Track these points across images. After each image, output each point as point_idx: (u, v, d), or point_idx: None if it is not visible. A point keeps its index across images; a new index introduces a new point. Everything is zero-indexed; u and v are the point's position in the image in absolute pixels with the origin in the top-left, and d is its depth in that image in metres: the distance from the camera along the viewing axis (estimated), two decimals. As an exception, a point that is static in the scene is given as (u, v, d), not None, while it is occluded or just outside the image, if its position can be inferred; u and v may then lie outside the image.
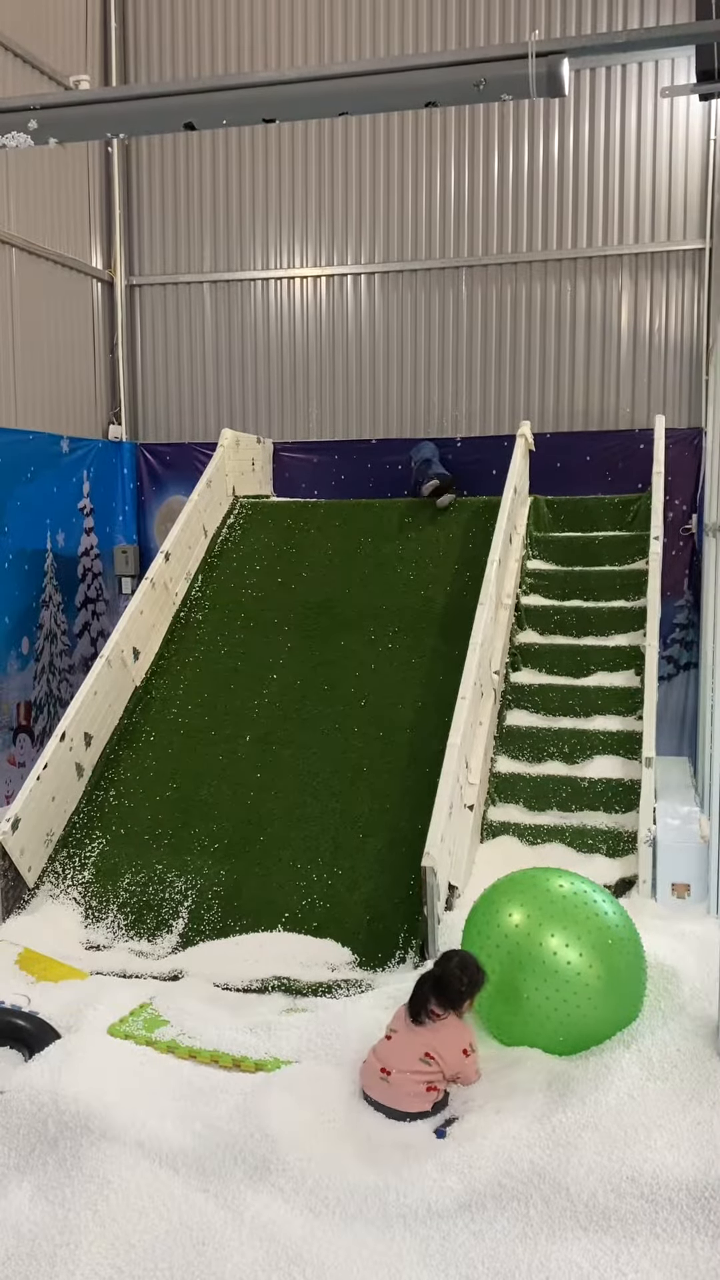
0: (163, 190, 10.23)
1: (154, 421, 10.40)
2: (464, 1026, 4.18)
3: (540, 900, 4.47)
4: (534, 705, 7.12)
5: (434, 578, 7.89)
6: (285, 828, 6.27)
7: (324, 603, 7.82)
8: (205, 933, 5.75)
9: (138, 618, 7.34)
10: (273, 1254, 3.19)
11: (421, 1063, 4.01)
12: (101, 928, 5.88)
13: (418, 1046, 4.03)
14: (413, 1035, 4.07)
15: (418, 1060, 4.02)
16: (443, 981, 4.14)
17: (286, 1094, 4.01)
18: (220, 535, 8.53)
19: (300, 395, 10.05)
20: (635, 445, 9.12)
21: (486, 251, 9.57)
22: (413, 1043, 4.05)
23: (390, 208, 9.73)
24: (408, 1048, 4.05)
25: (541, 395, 9.53)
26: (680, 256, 9.24)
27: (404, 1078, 3.98)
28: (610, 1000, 4.33)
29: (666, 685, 9.06)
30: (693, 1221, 3.35)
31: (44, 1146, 3.73)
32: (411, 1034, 4.08)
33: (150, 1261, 3.15)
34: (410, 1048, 4.04)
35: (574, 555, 8.05)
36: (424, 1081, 4.00)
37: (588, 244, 9.38)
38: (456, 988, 4.14)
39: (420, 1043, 4.04)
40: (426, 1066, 4.01)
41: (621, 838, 6.16)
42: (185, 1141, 3.76)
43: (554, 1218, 3.40)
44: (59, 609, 9.41)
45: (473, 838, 6.21)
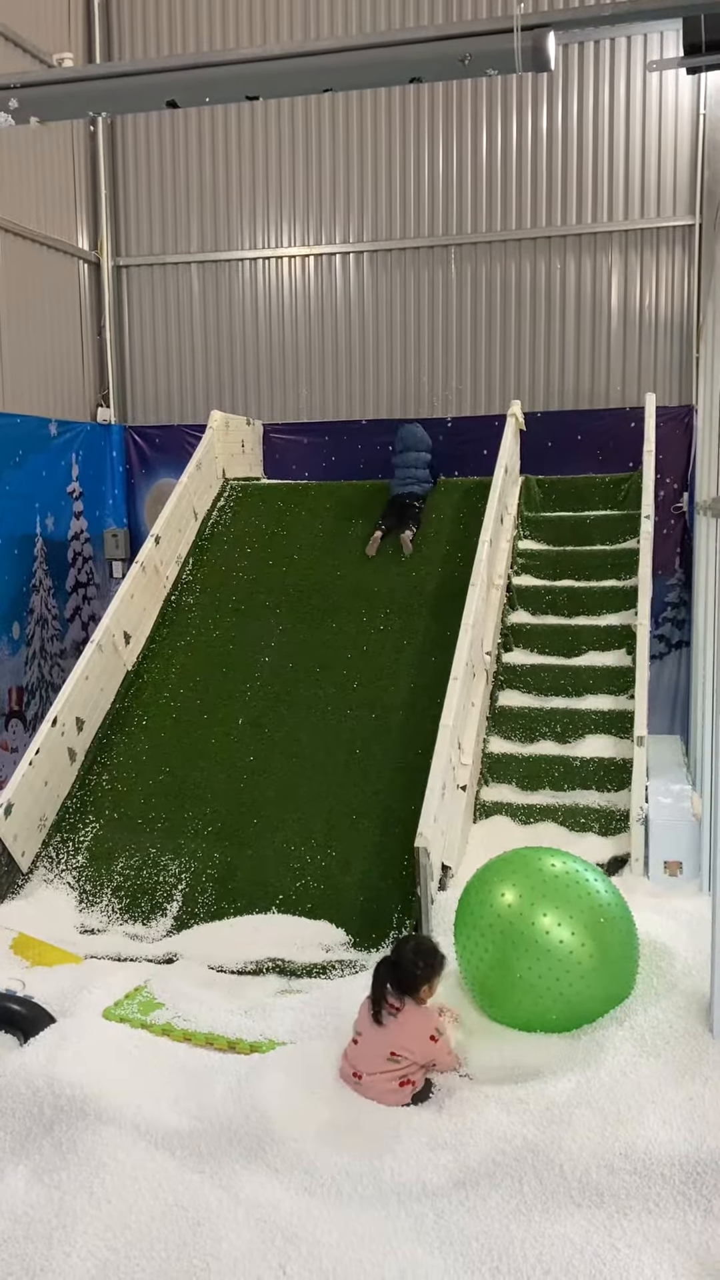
0: (149, 170, 10.14)
1: (142, 404, 10.34)
2: (426, 1013, 4.10)
3: (532, 879, 4.48)
4: (526, 685, 7.12)
5: (425, 559, 7.87)
6: (278, 810, 6.28)
7: (315, 585, 7.80)
8: (199, 915, 5.77)
9: (128, 602, 7.32)
10: (268, 1233, 3.21)
11: (389, 1062, 3.95)
12: (96, 912, 5.89)
13: (383, 1046, 3.97)
14: (376, 1035, 4.00)
15: (385, 1060, 3.96)
16: (399, 967, 4.09)
17: (281, 1075, 4.03)
18: (210, 518, 8.50)
19: (290, 376, 10.00)
20: (626, 423, 9.09)
21: (475, 229, 9.51)
22: (377, 1043, 3.98)
23: (378, 186, 9.66)
24: (373, 1049, 3.98)
25: (532, 374, 9.49)
26: (670, 233, 9.19)
27: (375, 1079, 3.94)
28: (603, 978, 4.35)
29: (658, 664, 9.07)
30: (685, 1196, 3.38)
31: (40, 1130, 3.75)
32: (375, 1034, 4.00)
33: (146, 1242, 3.17)
34: (376, 1049, 3.97)
35: (565, 535, 8.04)
36: (396, 1078, 3.94)
37: (577, 221, 9.32)
38: (412, 972, 4.07)
39: (384, 1042, 3.97)
40: (395, 1065, 3.95)
41: (614, 816, 6.18)
42: (180, 1123, 3.78)
43: (547, 1194, 3.43)
44: (49, 593, 9.38)
45: (465, 818, 6.23)
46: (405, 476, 8.32)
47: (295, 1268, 3.06)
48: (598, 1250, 3.15)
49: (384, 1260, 3.10)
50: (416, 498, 8.20)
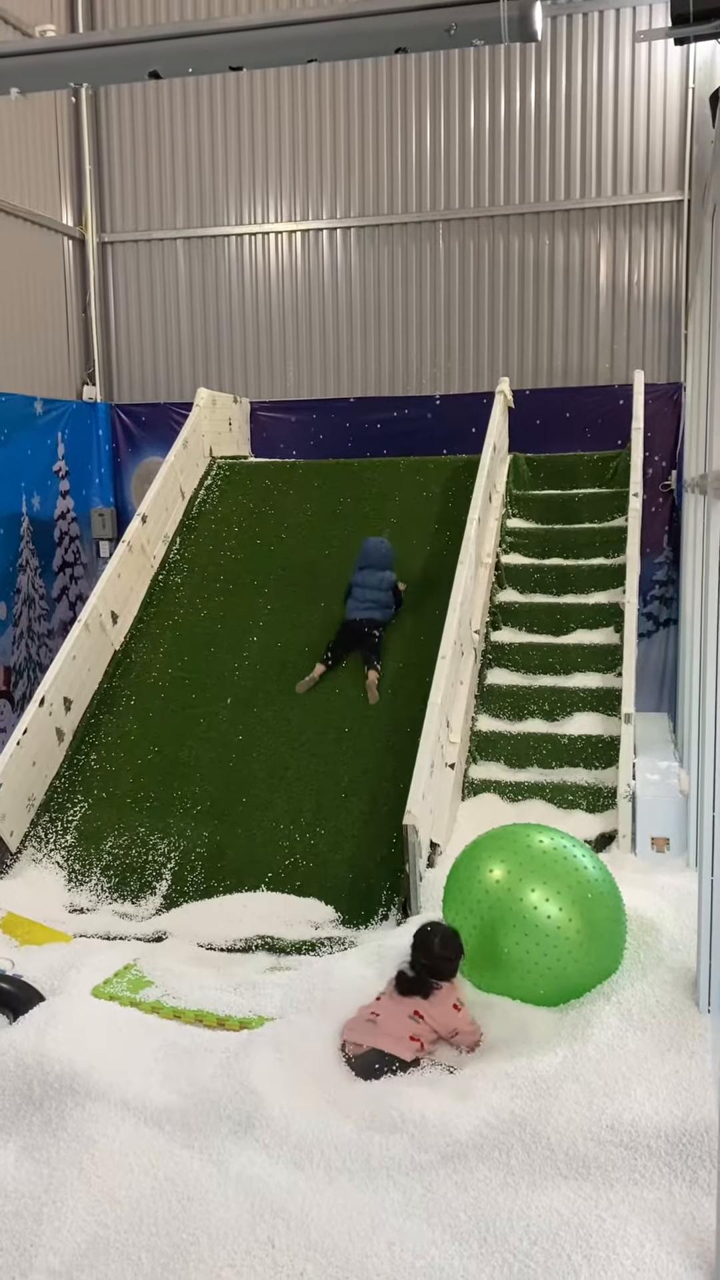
0: (133, 144, 10.03)
1: (129, 382, 10.28)
2: (450, 987, 4.26)
3: (521, 855, 4.49)
4: (514, 664, 7.13)
5: (413, 538, 7.85)
6: (268, 789, 6.28)
7: (304, 564, 7.78)
8: (189, 894, 5.78)
9: (115, 581, 7.29)
10: (257, 1207, 3.23)
11: (410, 1019, 4.09)
12: (85, 891, 5.90)
13: (407, 1006, 4.14)
14: (401, 999, 4.17)
15: (406, 1018, 4.10)
16: (436, 968, 4.24)
17: (271, 1051, 4.04)
18: (198, 497, 8.46)
19: (277, 353, 9.94)
20: (614, 401, 9.08)
21: (463, 204, 9.44)
22: (402, 1004, 4.15)
23: (365, 161, 9.58)
24: (397, 1008, 4.14)
25: (520, 351, 9.45)
26: (659, 209, 9.15)
27: (390, 1021, 4.07)
28: (591, 953, 4.37)
29: (646, 642, 9.09)
30: (670, 1167, 3.41)
31: (29, 1107, 3.76)
32: (400, 999, 4.17)
33: (136, 1217, 3.18)
34: (399, 1008, 4.14)
35: (554, 513, 8.02)
36: (409, 1032, 4.06)
37: (565, 196, 9.27)
38: (449, 968, 4.26)
39: (409, 1003, 4.14)
40: (414, 1023, 4.09)
41: (601, 793, 6.20)
42: (170, 1100, 3.79)
43: (535, 1167, 3.45)
44: (36, 573, 9.34)
45: (454, 795, 6.24)
46: (364, 599, 6.99)
47: (284, 1240, 3.08)
48: (584, 1221, 3.17)
49: (372, 1232, 3.13)
50: (376, 625, 6.87)
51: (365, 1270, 2.99)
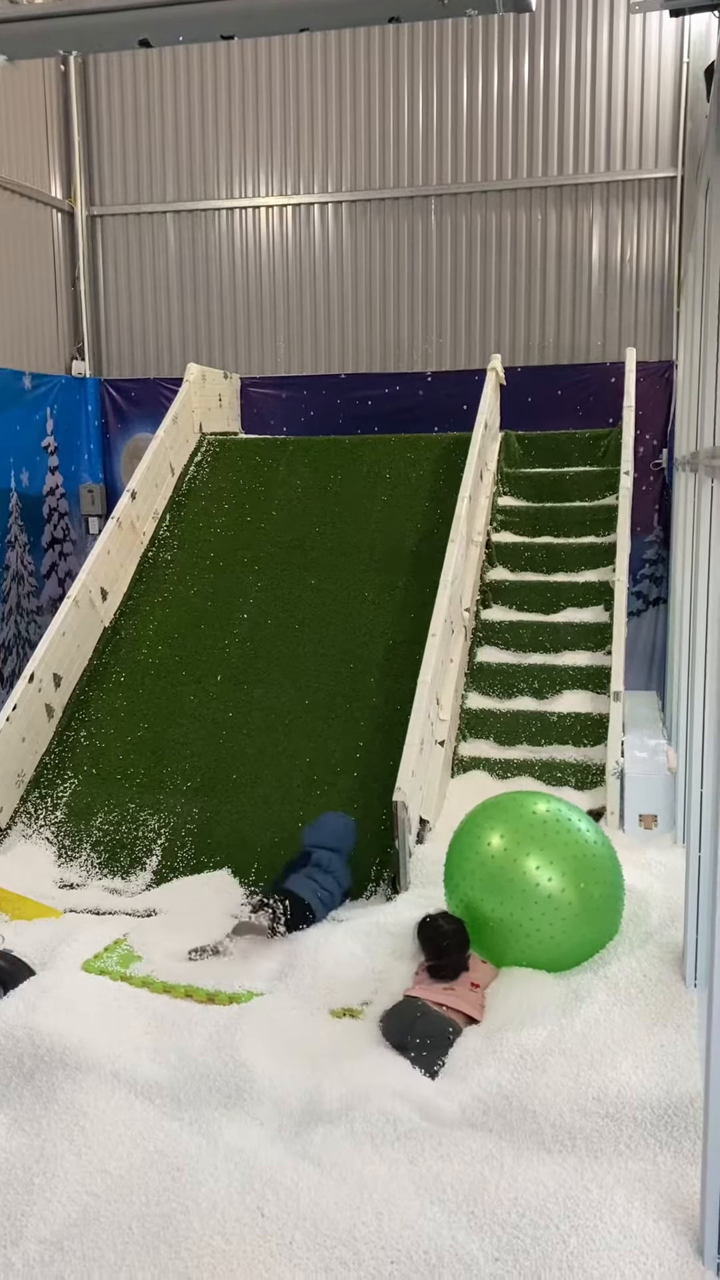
0: (123, 116, 9.91)
1: (118, 356, 10.20)
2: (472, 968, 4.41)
3: (519, 823, 4.53)
4: (504, 642, 7.14)
5: (405, 515, 7.84)
6: (258, 765, 6.29)
7: (294, 541, 7.76)
8: (179, 870, 5.79)
9: (105, 558, 7.26)
10: (247, 1178, 3.25)
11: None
12: (75, 866, 5.91)
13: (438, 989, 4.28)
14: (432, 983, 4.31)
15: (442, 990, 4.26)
16: (458, 964, 4.35)
17: (260, 1025, 4.08)
18: (188, 473, 8.42)
19: (268, 329, 9.88)
20: (606, 379, 9.05)
21: (456, 179, 9.37)
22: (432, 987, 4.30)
23: (357, 135, 9.49)
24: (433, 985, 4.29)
25: (512, 328, 9.41)
26: (652, 185, 9.09)
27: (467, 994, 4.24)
28: (587, 921, 4.42)
29: (636, 621, 9.11)
30: (656, 1138, 3.45)
31: (19, 1080, 3.78)
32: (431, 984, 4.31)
33: (126, 1187, 3.21)
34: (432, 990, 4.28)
35: (545, 491, 8.02)
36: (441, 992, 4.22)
37: (558, 172, 9.20)
38: (460, 959, 4.38)
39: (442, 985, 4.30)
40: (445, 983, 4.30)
41: (590, 770, 6.23)
42: (160, 1073, 3.82)
43: (521, 1139, 3.49)
44: (25, 550, 9.29)
45: (444, 773, 6.26)
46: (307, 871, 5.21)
47: (273, 1210, 3.11)
48: (570, 1192, 3.21)
49: (360, 1203, 3.16)
50: (304, 907, 4.94)
51: (353, 1239, 3.02)
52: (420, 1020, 4.01)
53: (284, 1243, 3.00)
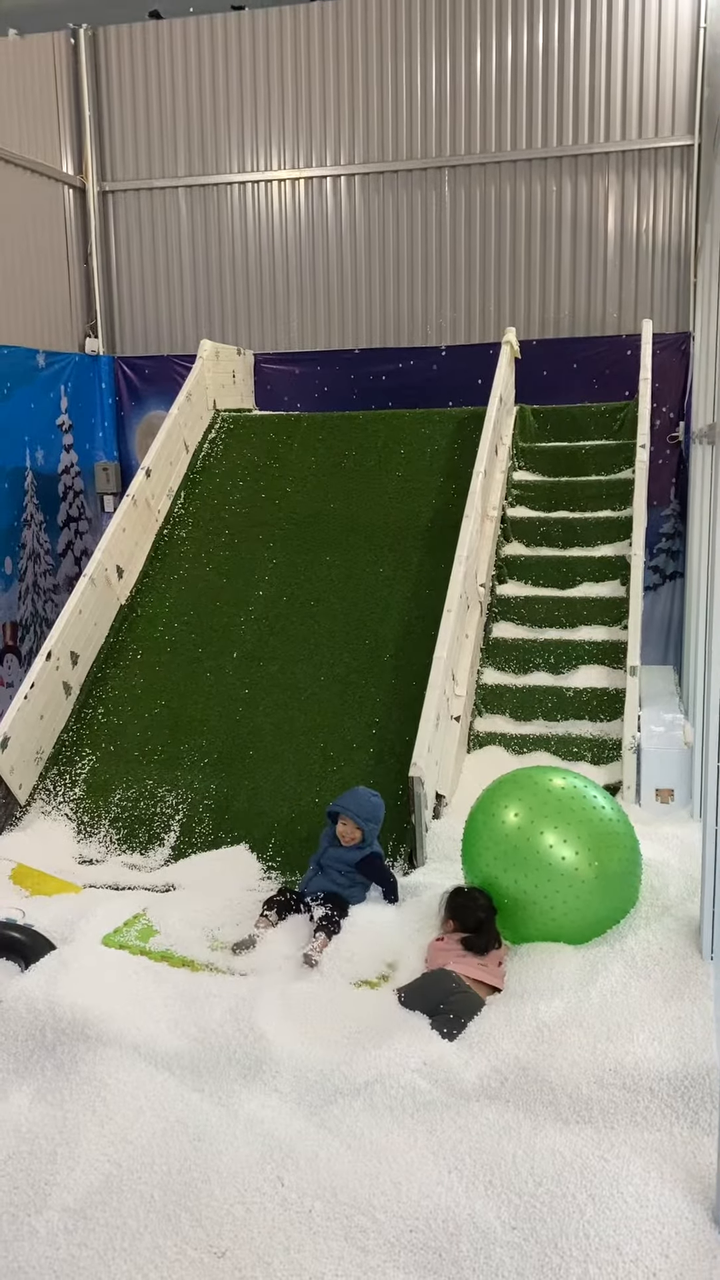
0: (133, 90, 9.84)
1: (131, 334, 10.17)
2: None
3: (537, 797, 4.55)
4: (520, 617, 7.13)
5: (419, 491, 7.81)
6: (274, 742, 6.31)
7: (308, 518, 7.76)
8: (197, 845, 5.83)
9: (120, 535, 7.27)
10: (267, 1148, 3.29)
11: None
12: (94, 842, 5.95)
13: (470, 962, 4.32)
14: (465, 955, 4.34)
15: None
16: (493, 937, 4.41)
17: (279, 997, 4.11)
18: (202, 450, 8.41)
19: (280, 304, 9.83)
20: (622, 351, 8.98)
21: (469, 150, 9.27)
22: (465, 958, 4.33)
23: (370, 105, 9.40)
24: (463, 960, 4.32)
25: (527, 301, 9.34)
26: (668, 154, 8.97)
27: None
28: (605, 894, 4.44)
29: (652, 595, 9.07)
30: (672, 1109, 3.47)
31: (42, 1052, 3.82)
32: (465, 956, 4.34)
33: (147, 1157, 3.25)
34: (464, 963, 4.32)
35: (560, 465, 7.98)
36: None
37: (573, 141, 9.09)
38: (498, 936, 4.44)
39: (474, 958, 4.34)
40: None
41: (606, 745, 6.23)
42: (180, 1044, 3.86)
43: (538, 1110, 3.51)
44: (41, 528, 9.32)
45: (459, 748, 6.27)
46: (336, 860, 4.98)
47: (293, 1179, 3.15)
48: (587, 1162, 3.23)
49: (379, 1172, 3.19)
50: (329, 907, 4.77)
51: (372, 1208, 3.06)
52: (455, 995, 4.04)
53: (303, 1211, 3.04)
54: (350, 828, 4.95)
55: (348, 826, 4.95)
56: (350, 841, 4.94)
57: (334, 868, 4.94)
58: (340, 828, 4.96)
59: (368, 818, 4.98)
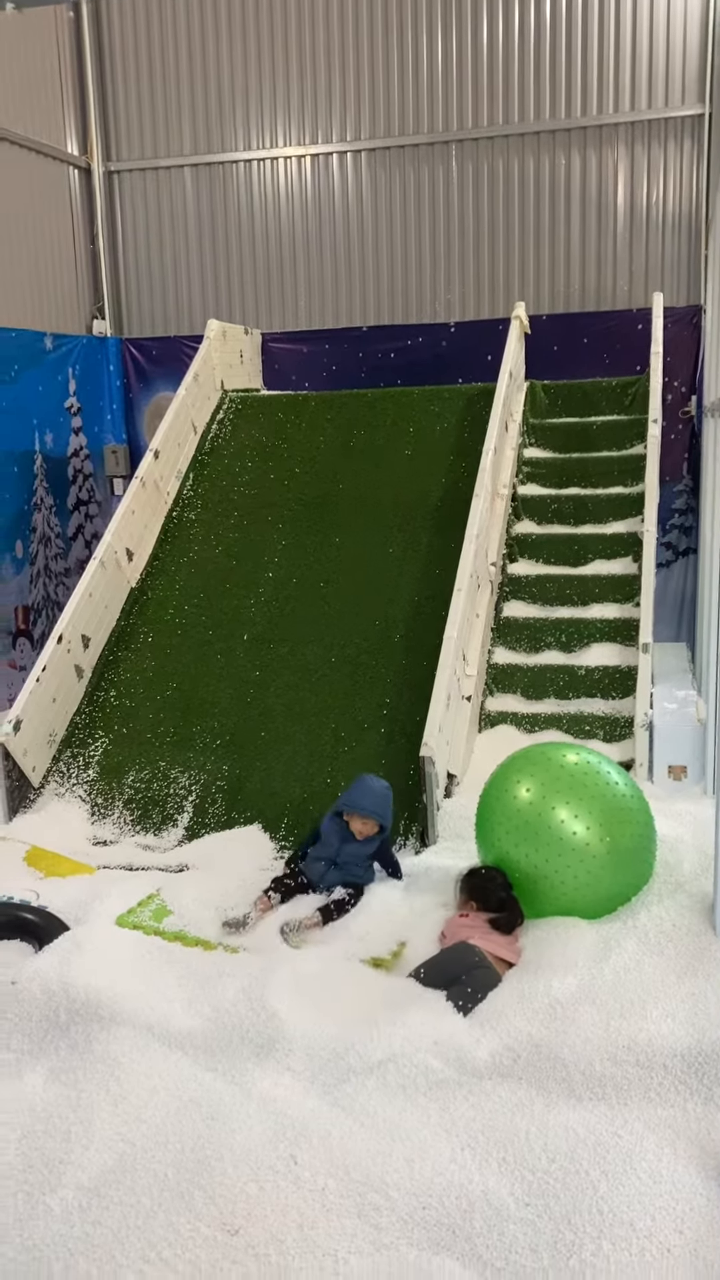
0: (137, 67, 9.76)
1: (138, 315, 10.13)
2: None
3: (550, 773, 4.54)
4: (531, 596, 7.09)
5: (428, 469, 7.77)
6: (285, 723, 6.31)
7: (317, 498, 7.72)
8: (210, 826, 5.84)
9: (129, 518, 7.26)
10: (280, 1126, 3.30)
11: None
12: (108, 824, 5.97)
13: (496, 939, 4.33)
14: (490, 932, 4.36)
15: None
16: (518, 915, 4.43)
17: (292, 976, 4.12)
18: (210, 431, 8.38)
19: (288, 282, 9.76)
20: (633, 325, 8.88)
21: (477, 124, 9.17)
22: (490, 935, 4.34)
23: (375, 79, 9.30)
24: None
25: (536, 275, 9.25)
26: (679, 124, 8.85)
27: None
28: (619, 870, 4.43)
29: (665, 572, 9.01)
30: (686, 1085, 3.46)
31: (56, 1032, 3.84)
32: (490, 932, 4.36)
33: (161, 1135, 3.26)
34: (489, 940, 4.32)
35: (572, 441, 7.91)
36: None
37: (582, 113, 8.98)
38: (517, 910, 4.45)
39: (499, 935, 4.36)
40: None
41: (618, 723, 6.20)
42: (193, 1024, 3.87)
43: (551, 1087, 3.51)
44: (51, 512, 9.32)
45: (471, 728, 6.25)
46: (352, 856, 4.92)
47: (306, 1157, 3.15)
48: (600, 1138, 3.23)
49: (391, 1149, 3.20)
50: (350, 891, 4.83)
51: (386, 1185, 3.07)
52: (477, 970, 4.05)
53: (316, 1189, 3.05)
54: (370, 825, 4.89)
55: (367, 824, 4.89)
56: (365, 835, 4.90)
57: (351, 863, 4.88)
58: (357, 825, 4.89)
59: (385, 811, 4.94)
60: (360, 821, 4.88)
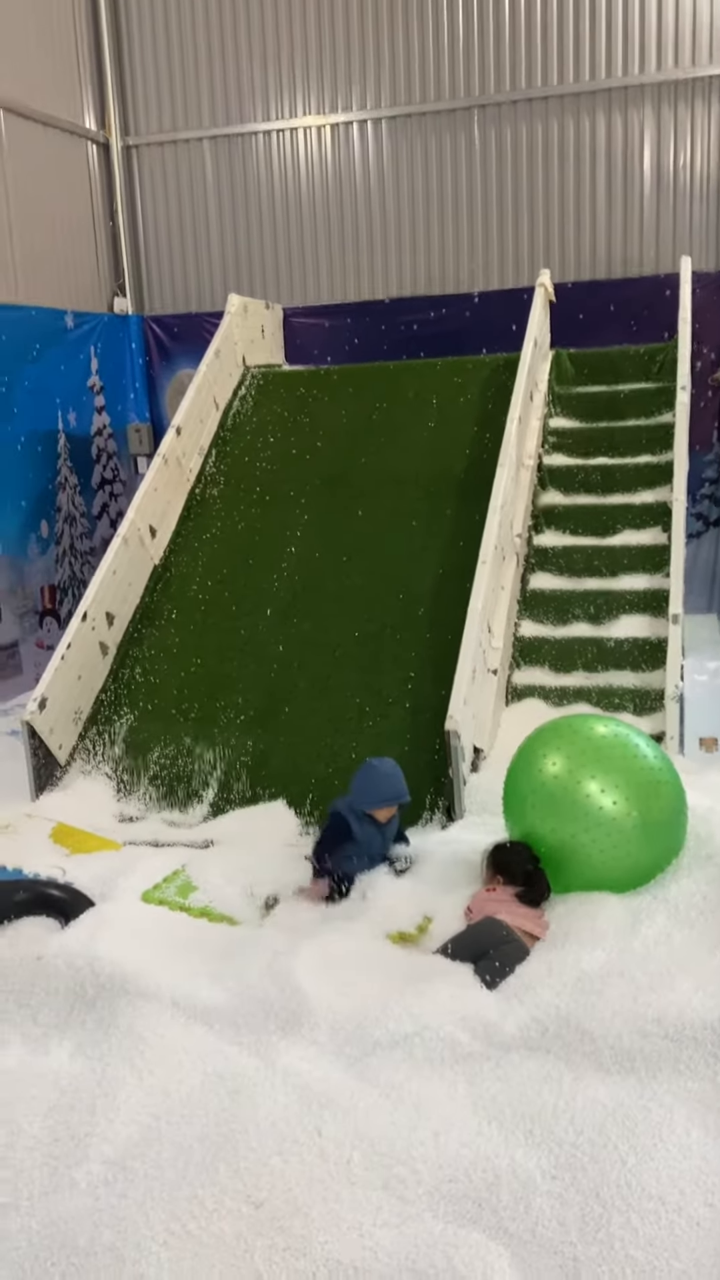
0: (154, 40, 9.67)
1: (159, 292, 10.07)
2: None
3: (579, 745, 4.47)
4: (558, 568, 7.00)
5: (452, 441, 7.67)
6: (310, 698, 6.28)
7: (340, 473, 7.65)
8: (235, 801, 5.83)
9: (152, 495, 7.23)
10: (305, 1099, 3.28)
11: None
12: (133, 800, 5.98)
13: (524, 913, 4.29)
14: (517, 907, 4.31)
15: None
16: (545, 888, 4.38)
17: (317, 950, 4.09)
18: (232, 407, 8.32)
19: (309, 256, 9.66)
20: (660, 291, 8.71)
21: (499, 88, 9.00)
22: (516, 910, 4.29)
23: (395, 45, 9.14)
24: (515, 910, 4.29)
25: (561, 242, 9.09)
26: (706, 84, 8.65)
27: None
28: (650, 842, 4.37)
29: (696, 543, 8.88)
30: (716, 1058, 3.40)
31: (82, 1007, 3.84)
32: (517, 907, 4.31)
33: (186, 1109, 3.26)
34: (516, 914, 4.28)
35: (598, 410, 7.78)
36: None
37: (606, 74, 8.79)
38: (544, 884, 4.39)
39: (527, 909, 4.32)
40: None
41: (649, 696, 6.11)
42: (219, 999, 3.86)
43: (579, 1061, 3.47)
44: (76, 491, 9.31)
45: (497, 701, 6.19)
46: (385, 844, 4.86)
47: (331, 1130, 3.13)
48: (629, 1112, 3.19)
49: (417, 1122, 3.17)
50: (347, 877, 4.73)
51: (411, 1158, 3.04)
52: (507, 944, 4.01)
53: (342, 1162, 3.03)
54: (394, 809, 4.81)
55: (393, 810, 4.80)
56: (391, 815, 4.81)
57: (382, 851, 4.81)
58: (389, 811, 4.77)
59: (406, 792, 4.80)
60: (388, 811, 4.77)
